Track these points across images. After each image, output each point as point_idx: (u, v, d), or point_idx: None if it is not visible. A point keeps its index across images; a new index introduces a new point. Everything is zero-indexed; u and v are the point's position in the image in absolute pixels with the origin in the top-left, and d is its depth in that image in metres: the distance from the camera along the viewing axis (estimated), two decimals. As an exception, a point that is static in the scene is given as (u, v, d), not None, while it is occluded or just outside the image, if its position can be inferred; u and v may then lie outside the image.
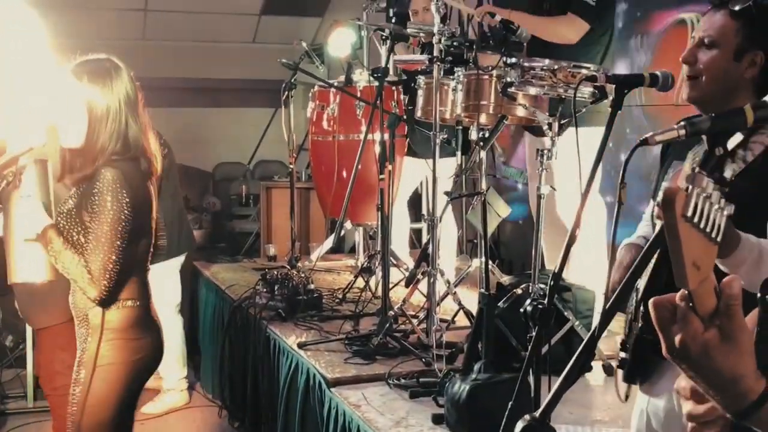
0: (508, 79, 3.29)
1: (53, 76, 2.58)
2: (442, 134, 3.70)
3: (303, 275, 4.38)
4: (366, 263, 4.65)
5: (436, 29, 3.61)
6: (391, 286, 3.80)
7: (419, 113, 4.06)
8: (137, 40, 8.88)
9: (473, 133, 3.60)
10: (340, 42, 5.53)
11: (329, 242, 5.18)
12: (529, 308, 2.50)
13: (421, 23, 4.51)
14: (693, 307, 0.93)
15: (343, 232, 4.87)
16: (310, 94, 5.05)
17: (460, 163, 3.91)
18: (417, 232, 6.24)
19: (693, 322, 0.93)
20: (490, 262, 3.51)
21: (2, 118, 2.60)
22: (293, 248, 5.11)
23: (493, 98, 3.51)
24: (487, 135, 3.56)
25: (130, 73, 2.62)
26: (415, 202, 5.56)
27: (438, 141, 3.61)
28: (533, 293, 3.15)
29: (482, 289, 3.17)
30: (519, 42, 3.47)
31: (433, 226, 3.63)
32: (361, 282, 4.48)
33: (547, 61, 3.23)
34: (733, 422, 0.97)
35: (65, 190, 2.65)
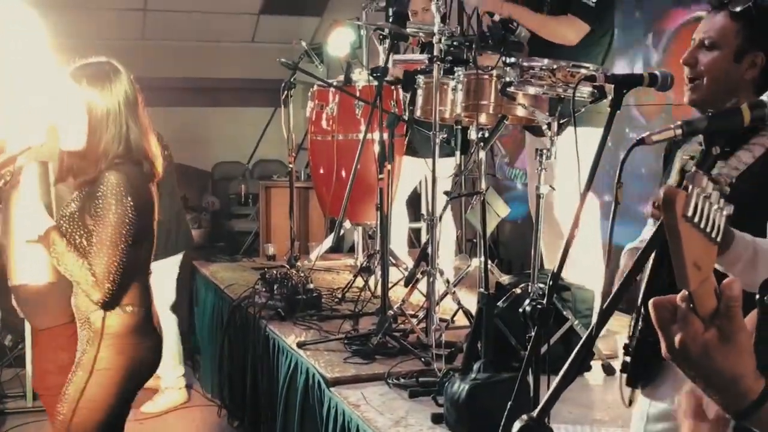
0: (508, 78, 3.30)
1: (53, 76, 2.58)
2: (441, 134, 3.70)
3: (302, 275, 4.38)
4: (365, 263, 4.66)
5: (436, 29, 3.61)
6: (390, 285, 3.80)
7: (419, 113, 4.06)
8: (137, 39, 8.88)
9: (473, 133, 3.61)
10: (339, 41, 5.53)
11: (328, 242, 5.19)
12: (529, 308, 2.50)
13: (420, 23, 4.51)
14: (693, 308, 0.94)
15: (342, 232, 4.88)
16: (309, 94, 5.05)
17: (459, 162, 3.90)
18: (416, 232, 6.24)
19: (693, 323, 0.94)
20: (490, 262, 3.52)
21: (2, 118, 2.59)
22: (292, 248, 5.12)
23: (493, 98, 3.51)
24: (486, 135, 3.56)
25: (130, 76, 2.62)
26: (415, 201, 5.56)
27: (438, 141, 3.61)
28: (532, 293, 3.15)
29: (481, 289, 3.18)
30: (518, 42, 3.47)
31: (432, 225, 3.63)
32: (360, 281, 4.49)
33: (546, 61, 3.23)
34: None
35: (66, 192, 2.65)
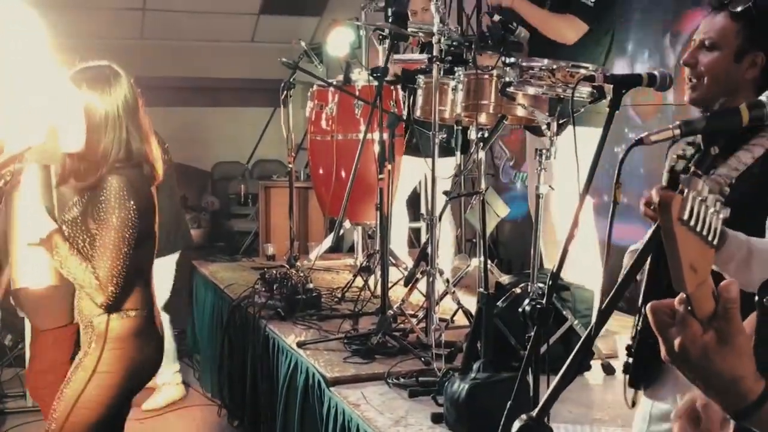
0: (507, 78, 3.30)
1: (53, 77, 2.58)
2: (441, 134, 3.70)
3: (302, 274, 4.38)
4: (365, 262, 4.66)
5: (435, 29, 3.61)
6: (390, 285, 3.80)
7: (418, 113, 4.06)
8: (136, 39, 8.88)
9: (472, 133, 3.61)
10: (339, 41, 5.53)
11: (328, 241, 5.19)
12: (528, 307, 2.50)
13: (420, 22, 4.51)
14: (691, 311, 0.94)
15: (341, 232, 4.88)
16: (309, 94, 5.05)
17: (459, 162, 3.90)
18: (416, 232, 6.24)
19: (692, 326, 0.94)
20: (489, 262, 3.52)
21: (2, 118, 2.59)
22: (292, 247, 5.12)
23: (493, 98, 3.51)
24: (486, 135, 3.57)
25: (131, 80, 2.62)
26: (414, 201, 5.56)
27: (437, 140, 3.61)
28: (532, 292, 3.15)
29: (481, 289, 3.18)
30: (518, 42, 3.47)
31: (431, 225, 3.63)
32: (360, 281, 4.49)
33: (545, 61, 3.23)
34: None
35: (68, 195, 2.65)
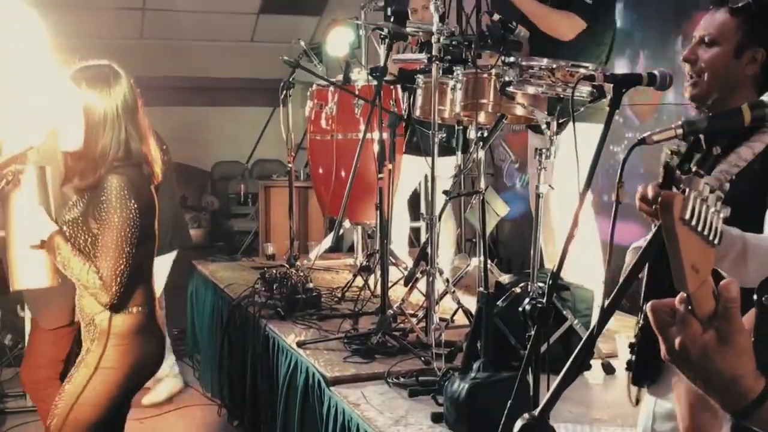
0: (507, 78, 3.30)
1: (53, 76, 2.58)
2: (441, 133, 3.70)
3: (302, 274, 4.38)
4: (365, 262, 4.66)
5: (434, 28, 3.60)
6: (389, 285, 3.80)
7: (418, 112, 4.05)
8: (135, 39, 8.88)
9: (472, 132, 3.61)
10: (339, 41, 5.53)
11: (328, 241, 5.18)
12: (528, 307, 2.51)
13: (420, 21, 4.51)
14: (692, 310, 0.94)
15: (341, 231, 4.88)
16: (309, 93, 5.05)
17: (459, 162, 3.90)
18: (416, 231, 6.24)
19: (692, 325, 0.94)
20: (489, 261, 3.52)
21: (2, 118, 2.60)
22: (292, 247, 5.12)
23: (492, 97, 3.51)
24: (485, 134, 3.57)
25: (130, 80, 2.62)
26: (414, 201, 5.56)
27: (437, 140, 3.61)
28: (532, 292, 3.15)
29: (481, 288, 3.18)
30: (517, 41, 3.47)
31: (431, 225, 3.63)
32: (359, 281, 4.49)
33: (545, 61, 3.23)
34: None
35: (67, 195, 2.65)
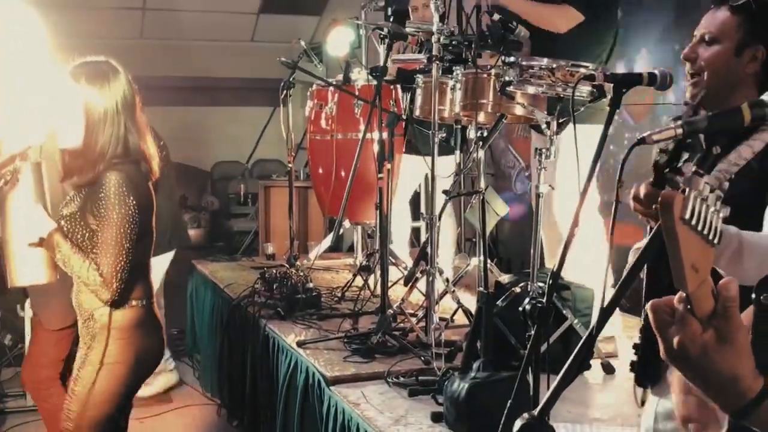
0: (507, 78, 3.30)
1: (52, 76, 2.58)
2: (440, 133, 3.70)
3: (301, 274, 4.39)
4: (364, 262, 4.66)
5: (435, 28, 3.60)
6: (389, 284, 3.80)
7: (418, 112, 4.05)
8: (135, 38, 8.89)
9: (472, 132, 3.61)
10: (339, 41, 5.53)
11: (328, 241, 5.18)
12: (528, 307, 2.51)
13: (420, 20, 4.51)
14: (691, 310, 0.94)
15: (341, 231, 4.88)
16: (309, 93, 5.05)
17: (459, 161, 3.90)
18: (416, 231, 6.24)
19: (691, 324, 0.94)
20: (489, 261, 3.51)
21: (2, 118, 2.60)
22: (292, 247, 5.12)
23: (492, 97, 3.51)
24: (485, 134, 3.56)
25: (129, 76, 2.62)
26: (414, 200, 5.56)
27: (437, 140, 3.61)
28: (532, 292, 3.15)
29: (481, 288, 3.18)
30: (517, 41, 3.47)
31: (431, 224, 3.63)
32: (359, 280, 4.49)
33: (545, 60, 3.23)
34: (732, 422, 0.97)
35: (65, 191, 2.65)
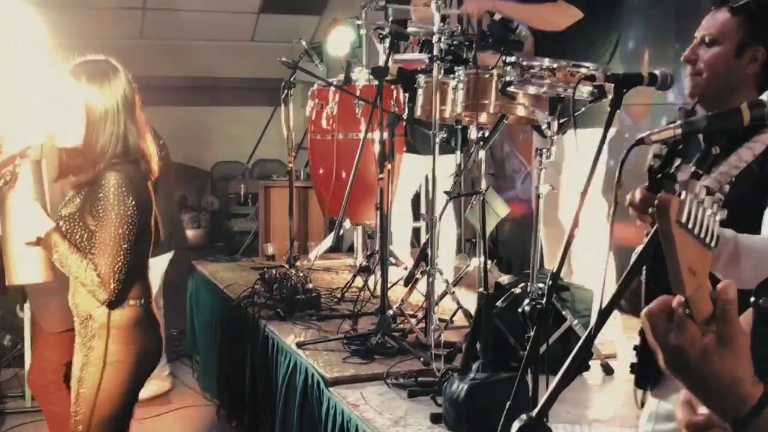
0: (508, 78, 3.29)
1: (52, 76, 2.58)
2: (441, 133, 3.69)
3: (301, 274, 4.38)
4: (364, 262, 4.65)
5: (435, 28, 3.60)
6: (389, 285, 3.79)
7: (419, 112, 4.04)
8: (135, 38, 8.88)
9: (473, 132, 3.60)
10: (339, 41, 5.53)
11: (328, 241, 5.18)
12: (528, 308, 2.51)
13: (421, 19, 4.50)
14: (689, 314, 0.93)
15: (341, 232, 4.87)
16: (309, 93, 5.05)
17: (459, 162, 3.90)
18: (416, 232, 6.24)
19: (690, 328, 0.93)
20: (489, 262, 3.51)
21: (2, 118, 2.60)
22: (292, 247, 5.11)
23: (494, 97, 3.51)
24: (486, 134, 3.56)
25: (128, 75, 2.63)
26: (414, 201, 5.56)
27: (437, 140, 3.61)
28: (531, 293, 3.15)
29: (481, 289, 3.17)
30: (518, 41, 3.47)
31: (431, 225, 3.63)
32: (359, 281, 4.48)
33: (546, 61, 3.23)
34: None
35: (64, 190, 2.65)
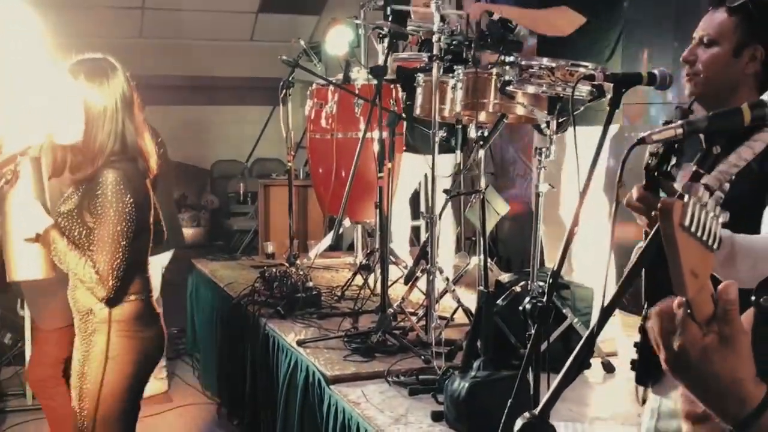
0: (507, 77, 3.30)
1: (52, 76, 2.59)
2: (441, 132, 3.70)
3: (301, 273, 4.39)
4: (364, 261, 4.66)
5: (435, 28, 3.60)
6: (389, 283, 3.80)
7: (418, 111, 4.05)
8: (135, 38, 8.89)
9: (472, 131, 3.61)
10: (338, 40, 5.53)
11: (327, 240, 5.18)
12: (528, 306, 2.51)
13: (421, 19, 4.50)
14: (691, 314, 0.94)
15: (341, 230, 4.88)
16: (309, 92, 5.04)
17: (459, 161, 3.90)
18: (416, 230, 6.24)
19: (692, 329, 0.94)
20: (489, 260, 3.52)
21: (2, 118, 2.60)
22: (291, 246, 5.12)
23: (493, 96, 3.51)
24: (486, 133, 3.57)
25: (126, 73, 2.63)
26: (414, 199, 5.56)
27: (437, 139, 3.61)
28: (532, 291, 3.15)
29: (481, 287, 3.18)
30: (517, 41, 3.47)
31: (431, 223, 3.63)
32: (359, 279, 4.49)
33: (545, 60, 3.23)
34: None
35: (62, 187, 2.66)
